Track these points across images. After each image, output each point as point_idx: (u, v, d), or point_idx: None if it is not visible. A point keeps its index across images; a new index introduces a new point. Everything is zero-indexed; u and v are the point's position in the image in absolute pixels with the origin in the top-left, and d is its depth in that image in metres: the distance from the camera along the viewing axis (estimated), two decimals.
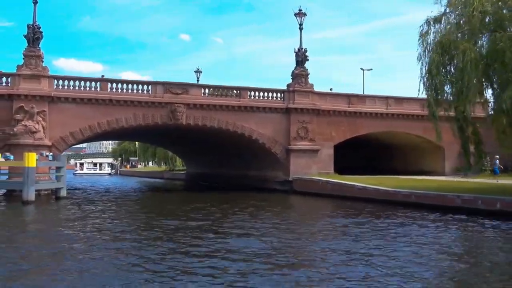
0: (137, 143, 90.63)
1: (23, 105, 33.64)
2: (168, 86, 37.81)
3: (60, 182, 30.21)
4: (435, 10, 26.25)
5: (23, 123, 33.54)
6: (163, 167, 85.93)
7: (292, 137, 40.26)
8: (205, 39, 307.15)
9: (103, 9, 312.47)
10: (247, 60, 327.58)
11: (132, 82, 37.49)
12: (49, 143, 34.36)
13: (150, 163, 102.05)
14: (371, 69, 61.19)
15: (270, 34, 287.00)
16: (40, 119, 34.03)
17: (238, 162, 48.26)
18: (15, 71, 34.60)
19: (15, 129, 33.27)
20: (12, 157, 29.61)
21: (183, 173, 70.79)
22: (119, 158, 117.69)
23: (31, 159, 26.85)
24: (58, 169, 30.52)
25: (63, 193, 30.52)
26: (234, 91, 39.79)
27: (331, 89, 46.76)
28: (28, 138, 33.38)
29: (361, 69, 64.34)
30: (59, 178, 30.26)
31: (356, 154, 49.58)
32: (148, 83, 37.58)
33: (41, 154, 29.32)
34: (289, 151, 40.13)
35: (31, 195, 26.76)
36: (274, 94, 40.87)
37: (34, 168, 27.12)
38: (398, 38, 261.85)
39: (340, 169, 40.55)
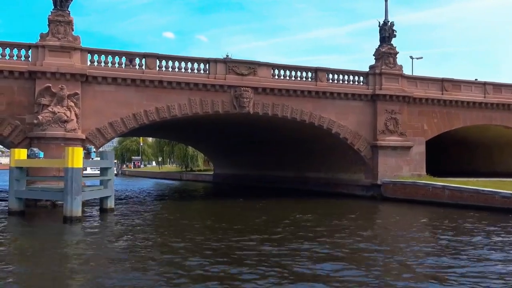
0: (150, 139, 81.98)
1: (50, 85, 25.31)
2: (231, 64, 29.66)
3: (108, 188, 21.95)
4: None
5: (49, 109, 25.20)
6: (177, 167, 77.49)
7: (379, 130, 32.42)
8: (189, 37, 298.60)
9: (91, 8, 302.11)
10: None
11: (187, 59, 29.25)
12: (83, 136, 26.10)
13: (157, 163, 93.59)
14: (421, 58, 52.71)
15: (259, 33, 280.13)
16: (72, 104, 25.72)
17: (294, 163, 40.26)
18: (37, 41, 26.32)
19: (40, 117, 24.91)
20: (41, 154, 21.31)
21: (208, 174, 62.50)
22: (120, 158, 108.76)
23: (76, 157, 18.63)
24: (104, 170, 22.23)
25: (111, 203, 22.29)
26: (309, 72, 31.78)
27: None
28: (57, 129, 25.06)
29: (410, 57, 56.77)
30: (105, 183, 21.99)
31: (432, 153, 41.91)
32: (206, 60, 29.40)
33: (88, 150, 20.97)
34: (376, 148, 32.27)
35: (76, 209, 18.56)
36: (356, 78, 32.96)
37: (80, 169, 18.89)
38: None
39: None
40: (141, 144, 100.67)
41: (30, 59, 26.12)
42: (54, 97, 25.37)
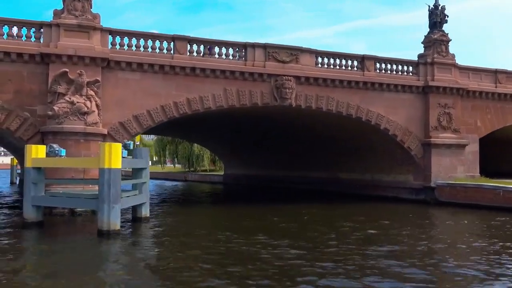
0: (146, 137, 77.68)
1: (67, 70, 21.35)
2: (271, 50, 25.88)
3: (143, 194, 18.05)
4: None
5: (66, 98, 21.22)
6: (180, 167, 73.42)
7: (431, 126, 28.91)
8: None
9: None
10: None
11: (221, 44, 25.37)
12: (105, 131, 22.19)
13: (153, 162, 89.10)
14: None
15: (247, 33, 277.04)
16: (92, 93, 21.78)
17: (323, 162, 36.62)
18: (50, 20, 22.35)
19: (55, 108, 20.93)
20: (63, 151, 17.35)
21: (217, 175, 58.56)
22: None
23: (115, 155, 14.73)
24: (137, 171, 18.28)
25: (145, 211, 18.38)
26: (355, 61, 28.14)
27: None
28: (76, 122, 21.10)
29: None
30: (139, 187, 18.08)
31: None
32: (243, 45, 25.60)
33: (126, 146, 17.01)
34: (428, 147, 28.74)
35: (114, 221, 14.67)
36: (405, 67, 29.41)
37: (119, 171, 15.00)
38: (371, 38, 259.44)
39: None
40: (137, 142, 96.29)
41: (42, 40, 22.14)
42: (72, 84, 21.40)
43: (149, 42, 24.04)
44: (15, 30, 21.98)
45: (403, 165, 29.89)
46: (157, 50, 24.09)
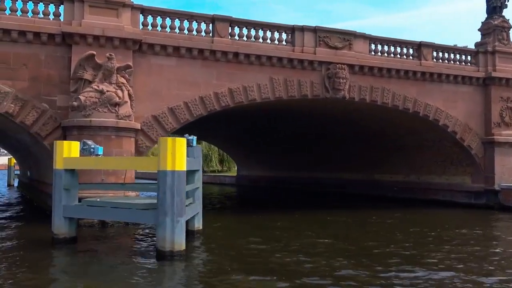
0: None
1: (95, 53, 17.86)
2: (322, 34, 22.58)
3: (196, 202, 14.64)
4: None
5: (94, 86, 17.74)
6: None
7: (494, 122, 25.85)
8: None
9: None
10: None
11: (267, 26, 21.95)
12: (138, 126, 18.75)
13: None
14: None
15: None
16: (123, 81, 18.34)
17: (359, 163, 33.39)
18: None
19: (81, 98, 17.42)
20: (101, 149, 13.86)
21: (227, 176, 55.17)
22: None
23: (179, 153, 11.34)
24: (190, 174, 14.79)
25: (198, 223, 14.96)
26: (411, 49, 24.95)
27: None
28: (106, 114, 17.61)
29: None
30: (192, 194, 14.64)
31: None
32: (291, 28, 22.23)
33: (189, 142, 13.50)
34: (491, 145, 25.66)
35: (179, 239, 11.27)
36: (463, 57, 26.28)
37: (185, 174, 11.59)
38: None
39: None
40: None
41: (62, 17, 18.65)
42: (99, 70, 17.92)
43: (185, 23, 20.67)
44: (30, 5, 18.45)
45: (459, 166, 26.80)
46: (194, 33, 20.72)
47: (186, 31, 20.55)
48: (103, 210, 12.57)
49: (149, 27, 19.94)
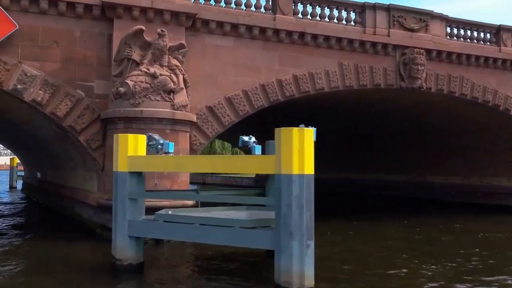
0: None
1: (143, 28, 14.48)
2: (396, 14, 19.33)
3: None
4: None
5: (144, 69, 14.35)
6: None
7: None
8: None
9: None
10: None
11: (334, 3, 18.68)
12: (194, 118, 15.39)
13: None
14: None
15: None
16: (177, 63, 14.97)
17: (404, 163, 30.18)
18: None
19: (129, 82, 14.01)
20: (171, 145, 10.49)
21: (245, 177, 51.70)
22: None
23: (308, 150, 8.10)
24: (271, 178, 11.28)
25: None
26: (488, 33, 21.81)
27: None
28: (160, 103, 14.19)
29: None
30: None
31: None
32: (361, 6, 18.97)
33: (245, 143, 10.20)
34: None
35: (310, 272, 8.00)
36: None
37: (313, 179, 8.34)
38: None
39: None
40: None
41: None
42: (148, 50, 14.54)
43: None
44: None
45: None
46: (253, 8, 17.42)
47: (243, 7, 17.25)
48: (189, 229, 9.19)
49: (201, 0, 16.63)
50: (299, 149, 8.02)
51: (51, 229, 16.68)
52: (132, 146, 9.92)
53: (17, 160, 42.11)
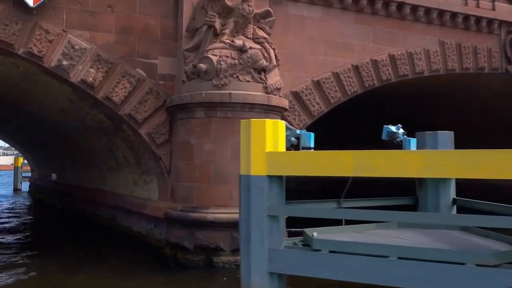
0: None
1: None
2: None
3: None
4: None
5: (227, 40, 11.02)
6: None
7: None
8: None
9: None
10: None
11: None
12: (286, 105, 12.05)
13: None
14: None
15: None
16: (263, 35, 11.67)
17: None
18: None
19: (212, 58, 10.64)
20: (312, 136, 7.25)
21: None
22: None
23: None
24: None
25: None
26: None
27: None
28: (251, 85, 10.87)
29: None
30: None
31: None
32: None
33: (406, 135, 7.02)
34: None
35: None
36: None
37: None
38: None
39: None
40: None
41: None
42: (229, 17, 11.24)
43: None
44: None
45: None
46: None
47: None
48: (379, 266, 5.90)
49: None
50: None
51: (91, 245, 13.28)
52: (270, 138, 6.63)
53: (21, 160, 38.48)
